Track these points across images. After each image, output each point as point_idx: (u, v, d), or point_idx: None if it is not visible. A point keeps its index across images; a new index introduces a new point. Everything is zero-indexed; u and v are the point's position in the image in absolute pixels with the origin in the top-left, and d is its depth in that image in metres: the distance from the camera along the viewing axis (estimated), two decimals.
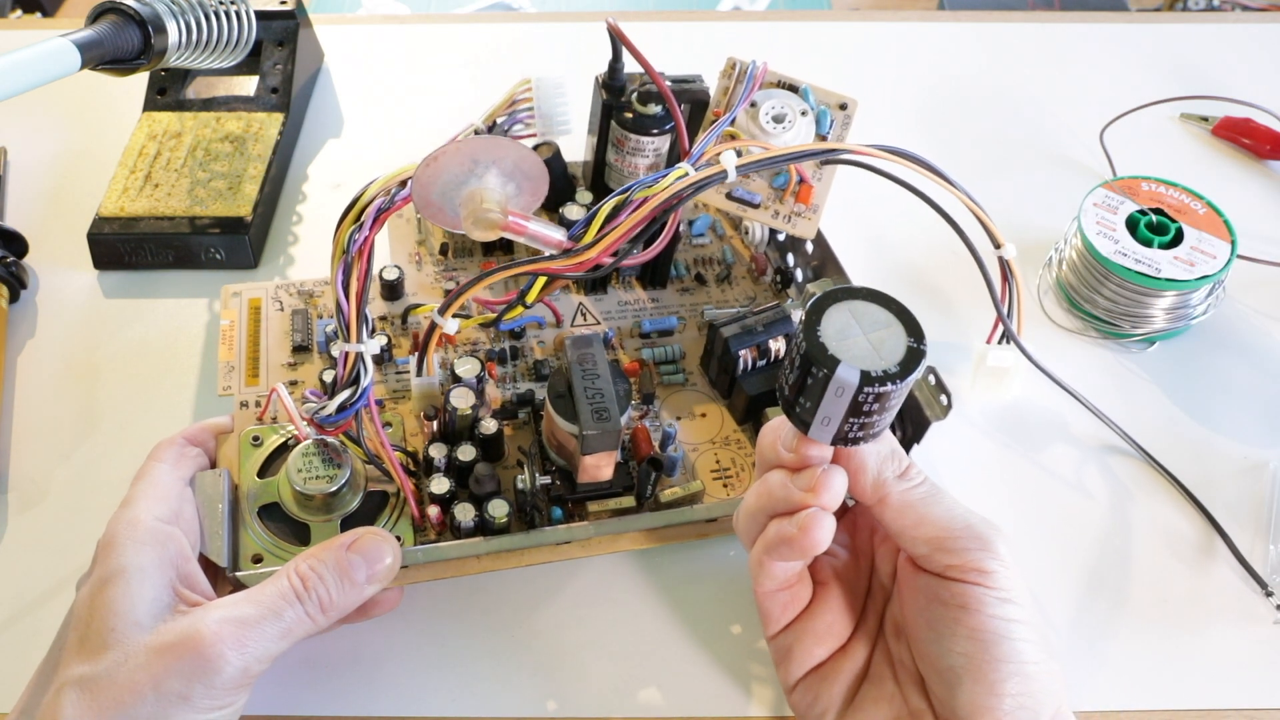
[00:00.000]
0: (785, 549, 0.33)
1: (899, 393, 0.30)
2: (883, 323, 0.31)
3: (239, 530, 0.39)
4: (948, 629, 0.32)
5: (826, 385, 0.30)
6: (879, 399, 0.30)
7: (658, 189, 0.38)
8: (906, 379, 0.29)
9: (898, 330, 0.30)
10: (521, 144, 0.37)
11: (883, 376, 0.29)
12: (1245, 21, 0.73)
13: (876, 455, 0.33)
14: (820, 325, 0.30)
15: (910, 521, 0.33)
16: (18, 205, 0.59)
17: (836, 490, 0.32)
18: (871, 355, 0.30)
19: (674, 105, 0.44)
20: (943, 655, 0.32)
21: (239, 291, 0.48)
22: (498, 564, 0.41)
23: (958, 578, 0.32)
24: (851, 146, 0.41)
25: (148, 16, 0.47)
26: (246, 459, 0.41)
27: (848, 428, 0.31)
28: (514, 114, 0.52)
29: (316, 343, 0.46)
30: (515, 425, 0.44)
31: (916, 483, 0.33)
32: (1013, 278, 0.44)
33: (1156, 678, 0.40)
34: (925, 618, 0.33)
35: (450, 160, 0.36)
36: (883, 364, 0.29)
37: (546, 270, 0.39)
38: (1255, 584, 0.42)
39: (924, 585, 0.33)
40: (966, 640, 0.31)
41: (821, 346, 0.30)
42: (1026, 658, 0.31)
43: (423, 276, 0.50)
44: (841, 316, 0.31)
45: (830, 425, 0.31)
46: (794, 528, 0.32)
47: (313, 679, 0.39)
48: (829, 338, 0.30)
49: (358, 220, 0.37)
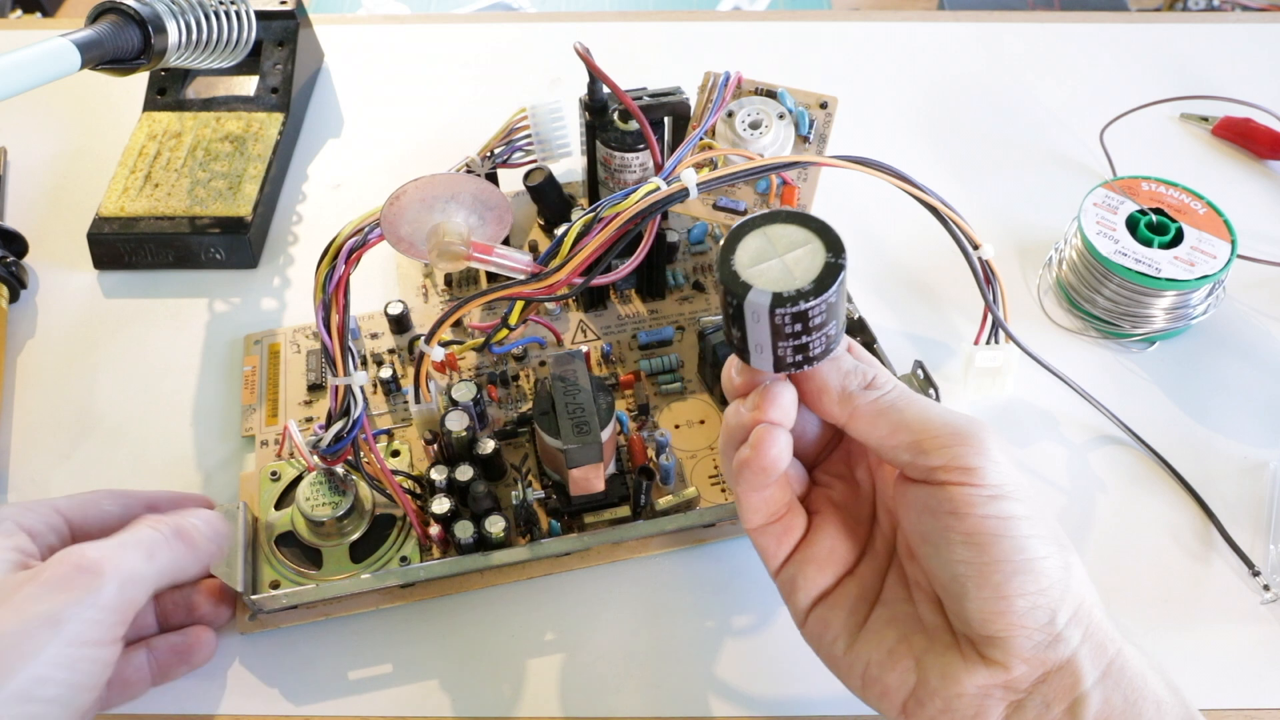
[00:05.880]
0: (747, 473, 0.32)
1: (822, 310, 0.29)
2: (799, 242, 0.30)
3: (259, 559, 0.41)
4: (943, 538, 0.30)
5: (743, 313, 0.29)
6: (799, 318, 0.29)
7: (625, 205, 0.39)
8: (822, 295, 0.29)
9: (815, 248, 0.30)
10: (479, 178, 0.38)
11: (794, 296, 0.29)
12: (1245, 21, 0.73)
13: (836, 373, 0.32)
14: (735, 254, 0.30)
15: (885, 431, 0.31)
16: (18, 205, 0.59)
17: (782, 403, 0.31)
18: (785, 276, 0.29)
19: (644, 123, 0.45)
20: (944, 567, 0.30)
21: (260, 339, 0.50)
22: (500, 578, 0.42)
23: (943, 480, 0.30)
24: (815, 159, 0.42)
25: (148, 16, 0.47)
26: (265, 492, 0.43)
27: (782, 352, 0.30)
28: (512, 143, 0.53)
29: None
30: (515, 445, 0.45)
31: (885, 390, 0.32)
32: (995, 278, 0.44)
33: None
34: (921, 532, 0.31)
35: (411, 198, 0.37)
36: (795, 283, 0.29)
37: (518, 294, 0.40)
38: (1255, 584, 0.42)
39: (914, 498, 0.31)
40: (963, 546, 0.29)
41: (733, 275, 0.30)
42: (1030, 553, 0.29)
43: (429, 308, 0.51)
44: (756, 242, 0.30)
45: (765, 352, 0.30)
46: (748, 449, 0.31)
47: (314, 679, 0.40)
48: (742, 265, 0.30)
49: (334, 260, 0.38)
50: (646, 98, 0.48)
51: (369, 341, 0.50)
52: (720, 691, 0.39)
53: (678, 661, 0.40)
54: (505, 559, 0.41)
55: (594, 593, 0.42)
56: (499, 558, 0.41)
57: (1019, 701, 0.29)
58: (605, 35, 0.71)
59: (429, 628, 0.41)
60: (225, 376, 0.50)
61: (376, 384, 0.48)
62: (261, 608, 0.40)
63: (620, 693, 0.39)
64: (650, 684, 0.40)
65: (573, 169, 0.58)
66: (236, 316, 0.53)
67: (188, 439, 0.47)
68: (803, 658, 0.40)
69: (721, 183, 0.41)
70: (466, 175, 0.39)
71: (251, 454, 0.46)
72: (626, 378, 0.47)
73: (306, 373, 0.49)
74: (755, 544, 0.35)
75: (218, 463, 0.46)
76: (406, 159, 0.62)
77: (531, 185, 0.51)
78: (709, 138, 0.45)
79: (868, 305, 0.53)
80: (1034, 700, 0.29)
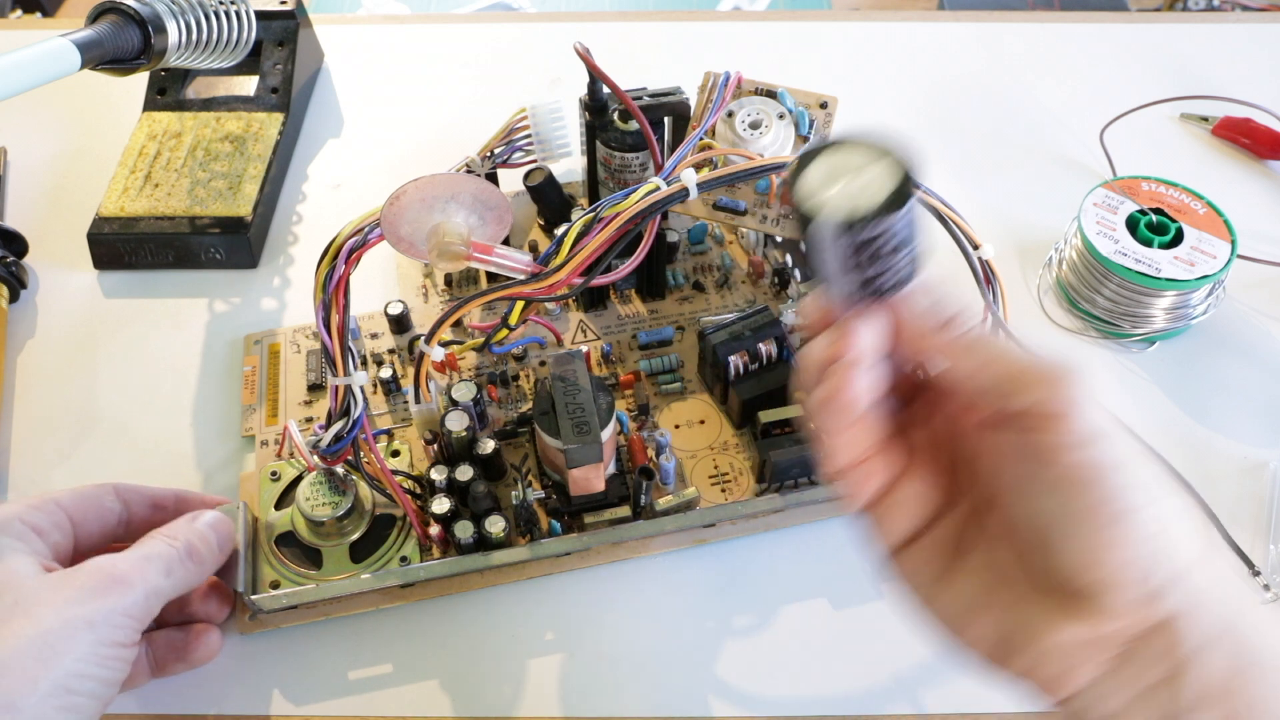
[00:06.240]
0: (827, 412, 0.30)
1: (891, 238, 0.27)
2: (867, 164, 0.28)
3: (259, 559, 0.41)
4: (1028, 487, 0.28)
5: (815, 242, 0.28)
6: (867, 245, 0.27)
7: (625, 205, 0.39)
8: (892, 215, 0.27)
9: (883, 168, 0.28)
10: (479, 178, 0.38)
11: (863, 220, 0.27)
12: (1245, 21, 0.73)
13: (910, 307, 0.30)
14: (804, 175, 0.28)
15: (965, 371, 0.29)
16: (18, 205, 0.59)
17: (861, 337, 0.29)
18: (851, 201, 0.27)
19: (644, 123, 0.45)
20: (1032, 516, 0.28)
21: (260, 339, 0.50)
22: (500, 578, 0.42)
23: (1027, 428, 0.28)
24: None
25: (148, 16, 0.47)
26: (265, 492, 0.43)
27: (855, 282, 0.29)
28: (512, 143, 0.53)
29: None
30: (515, 445, 0.45)
31: (965, 329, 0.29)
32: (995, 278, 0.44)
33: None
34: (1007, 479, 0.29)
35: (411, 198, 0.37)
36: (864, 207, 0.27)
37: (518, 294, 0.40)
38: (1255, 584, 0.42)
39: (1000, 444, 0.29)
40: (1050, 495, 0.27)
41: (802, 196, 0.28)
42: (1124, 502, 0.26)
43: (429, 308, 0.51)
44: (823, 168, 0.28)
45: (840, 284, 0.29)
46: (827, 387, 0.30)
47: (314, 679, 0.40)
48: (811, 188, 0.28)
49: (334, 260, 0.38)
50: (646, 98, 0.48)
51: (369, 341, 0.50)
52: (720, 691, 0.39)
53: (678, 661, 0.40)
54: (505, 559, 0.41)
55: (594, 593, 0.42)
56: (499, 558, 0.41)
57: (1112, 660, 0.27)
58: (605, 35, 0.71)
59: (429, 628, 0.41)
60: (225, 376, 0.50)
61: (376, 384, 0.48)
62: (261, 608, 0.40)
63: (620, 693, 0.39)
64: (650, 684, 0.40)
65: (573, 169, 0.58)
66: (236, 316, 0.53)
67: (188, 439, 0.47)
68: (803, 658, 0.40)
69: (721, 183, 0.41)
70: (466, 175, 0.39)
71: (251, 454, 0.46)
72: (626, 378, 0.47)
73: (306, 373, 0.49)
74: (841, 485, 0.33)
75: (218, 463, 0.46)
76: (406, 159, 0.62)
77: (531, 185, 0.51)
78: (709, 138, 0.45)
79: None
80: (1129, 661, 0.27)
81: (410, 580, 0.41)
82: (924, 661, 0.40)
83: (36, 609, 0.32)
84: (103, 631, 0.33)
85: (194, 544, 0.37)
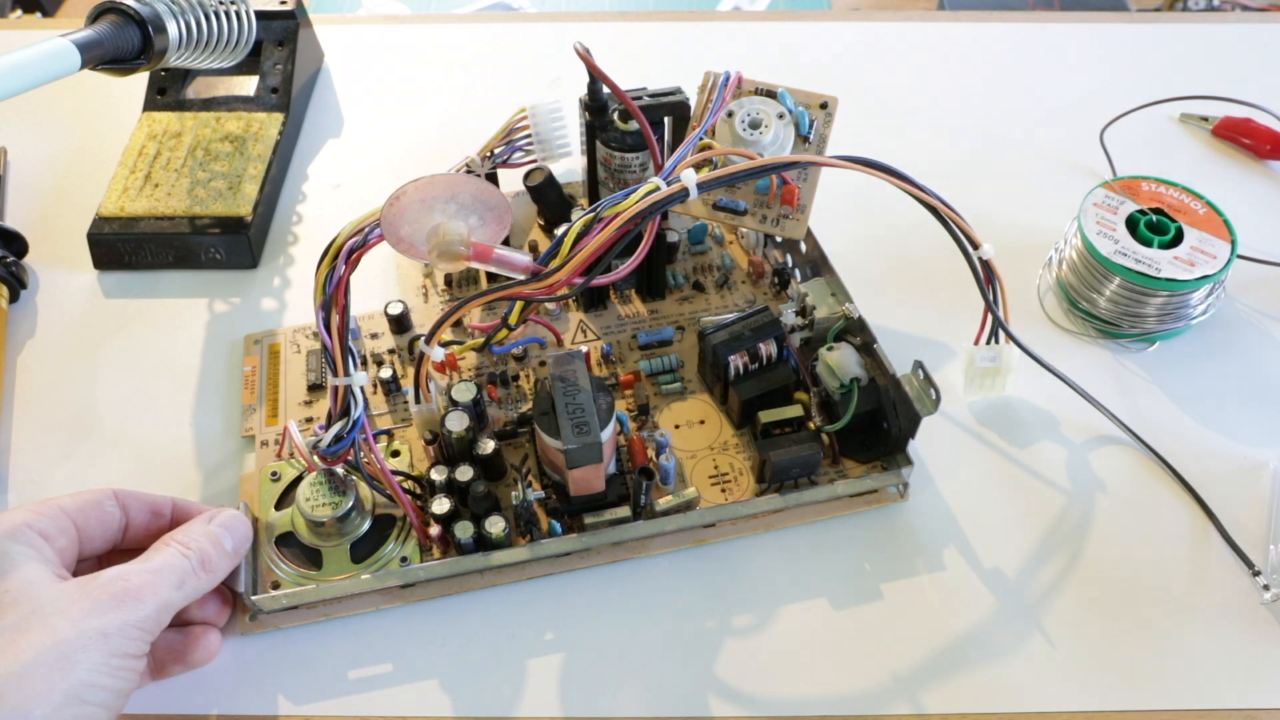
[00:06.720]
0: None
1: None
2: None
3: (259, 559, 0.41)
4: None
5: None
6: None
7: (625, 205, 0.39)
8: None
9: None
10: (478, 178, 0.38)
11: None
12: (1245, 21, 0.73)
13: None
14: None
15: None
16: (18, 205, 0.59)
17: None
18: None
19: (644, 123, 0.45)
20: None
21: (260, 339, 0.50)
22: (500, 578, 0.42)
23: None
24: (815, 159, 0.42)
25: (148, 16, 0.47)
26: (265, 493, 0.43)
27: None
28: (512, 143, 0.53)
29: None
30: (515, 445, 0.45)
31: None
32: (995, 278, 0.44)
33: (1156, 678, 0.40)
34: None
35: (411, 198, 0.37)
36: None
37: (518, 295, 0.40)
38: (1255, 584, 0.42)
39: None
40: None
41: None
42: None
43: (429, 308, 0.51)
44: None
45: None
46: None
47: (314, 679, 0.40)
48: None
49: (334, 260, 0.38)
50: (646, 98, 0.48)
51: (369, 341, 0.50)
52: (720, 691, 0.39)
53: (678, 661, 0.40)
54: (505, 559, 0.41)
55: (594, 593, 0.42)
56: (499, 558, 0.41)
57: None
58: (605, 35, 0.71)
59: (429, 628, 0.41)
60: (225, 376, 0.50)
61: (376, 384, 0.48)
62: (261, 608, 0.40)
63: (620, 693, 0.39)
64: (650, 684, 0.40)
65: (573, 169, 0.58)
66: (236, 316, 0.53)
67: (188, 439, 0.47)
68: (802, 658, 0.40)
69: (721, 183, 0.41)
70: (466, 175, 0.39)
71: (251, 454, 0.46)
72: (626, 378, 0.47)
73: (306, 373, 0.49)
74: None
75: (218, 463, 0.46)
76: (406, 159, 0.62)
77: (531, 185, 0.51)
78: (709, 138, 0.45)
79: (868, 305, 0.52)
80: None
81: (410, 580, 0.41)
82: (924, 661, 0.40)
83: (53, 619, 0.32)
84: (116, 643, 0.33)
85: (208, 553, 0.37)
